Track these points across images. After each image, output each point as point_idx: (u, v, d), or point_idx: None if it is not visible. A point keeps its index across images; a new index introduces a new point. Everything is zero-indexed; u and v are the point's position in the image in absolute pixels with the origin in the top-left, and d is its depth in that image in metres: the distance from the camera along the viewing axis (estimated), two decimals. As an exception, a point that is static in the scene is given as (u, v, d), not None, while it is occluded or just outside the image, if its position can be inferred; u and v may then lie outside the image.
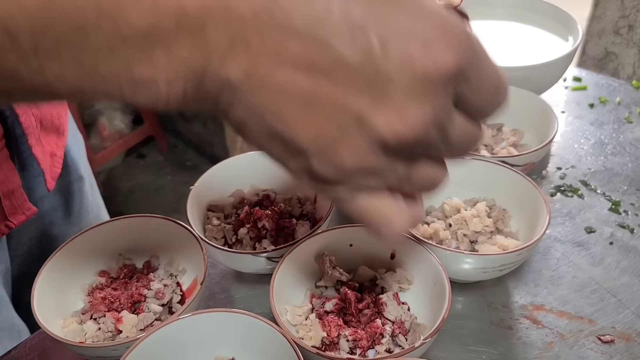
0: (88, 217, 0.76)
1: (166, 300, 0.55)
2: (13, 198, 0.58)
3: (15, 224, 0.59)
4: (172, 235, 0.58)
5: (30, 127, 0.59)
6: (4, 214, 0.58)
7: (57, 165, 0.65)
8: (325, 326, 0.51)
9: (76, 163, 0.72)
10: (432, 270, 0.52)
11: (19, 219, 0.59)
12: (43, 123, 0.62)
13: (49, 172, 0.63)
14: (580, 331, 0.55)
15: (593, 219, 0.67)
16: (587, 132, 0.79)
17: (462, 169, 0.63)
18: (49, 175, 0.63)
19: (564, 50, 0.76)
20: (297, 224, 0.62)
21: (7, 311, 0.64)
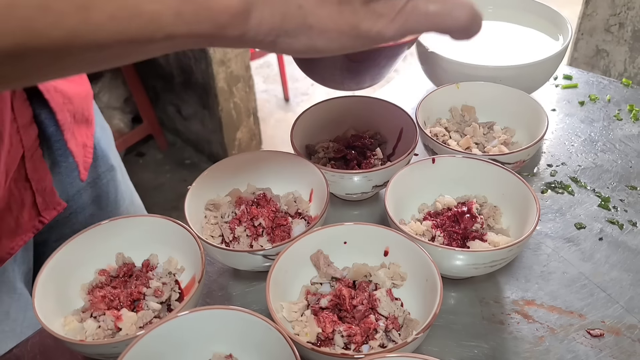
0: (124, 204, 0.79)
1: (165, 298, 0.56)
2: (45, 194, 0.61)
3: (48, 220, 0.62)
4: (171, 234, 0.59)
5: (66, 123, 0.62)
6: (37, 211, 0.61)
7: (88, 155, 0.68)
8: (321, 322, 0.52)
9: (106, 154, 0.74)
10: (424, 267, 0.54)
11: (50, 215, 0.62)
12: (76, 117, 0.65)
13: (82, 163, 0.66)
14: (570, 325, 0.56)
15: (583, 215, 0.68)
16: (578, 130, 0.81)
17: (454, 168, 0.65)
18: (82, 167, 0.66)
19: (554, 49, 0.77)
20: (292, 222, 0.63)
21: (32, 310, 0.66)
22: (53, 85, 0.60)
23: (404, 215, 0.65)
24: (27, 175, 0.59)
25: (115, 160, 0.77)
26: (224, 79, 2.16)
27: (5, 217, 0.58)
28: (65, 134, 0.62)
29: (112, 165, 0.76)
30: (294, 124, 0.71)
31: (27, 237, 0.62)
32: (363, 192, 0.68)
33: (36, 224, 0.62)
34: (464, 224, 0.60)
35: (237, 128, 2.35)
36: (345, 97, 0.75)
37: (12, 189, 0.58)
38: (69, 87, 0.64)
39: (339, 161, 0.71)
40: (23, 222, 0.60)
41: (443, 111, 0.77)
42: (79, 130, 0.66)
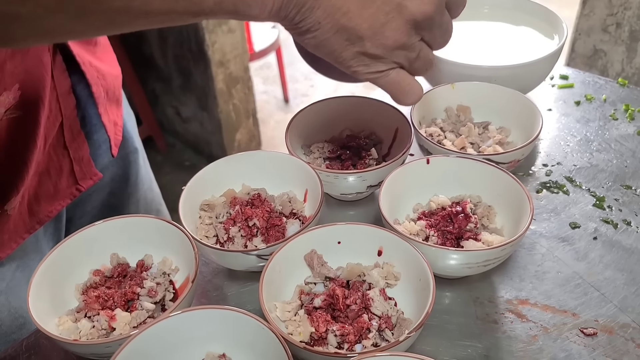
0: (143, 188, 0.82)
1: (159, 298, 0.56)
2: (82, 164, 0.65)
3: (85, 188, 0.66)
4: (165, 235, 0.59)
5: (100, 97, 0.66)
6: (75, 179, 0.65)
7: (119, 133, 0.72)
8: (314, 322, 0.52)
9: (132, 136, 0.77)
10: (418, 266, 0.54)
11: (87, 184, 0.66)
12: (108, 94, 0.68)
13: (113, 139, 0.70)
14: (564, 324, 0.56)
15: (578, 215, 0.68)
16: (573, 129, 0.81)
17: (449, 167, 0.65)
18: (113, 143, 0.70)
19: (549, 49, 0.77)
20: (287, 222, 0.64)
21: None
22: (88, 60, 0.64)
23: (399, 215, 0.65)
24: (65, 143, 0.63)
25: (139, 144, 0.80)
26: (222, 81, 2.16)
27: (45, 181, 0.62)
28: (99, 107, 0.66)
29: (136, 147, 0.79)
30: (289, 124, 0.71)
31: (65, 203, 0.65)
32: (358, 192, 0.68)
33: (73, 191, 0.65)
34: (457, 223, 0.60)
35: (236, 129, 2.35)
36: (340, 98, 0.76)
37: (51, 155, 0.62)
38: (102, 65, 0.67)
39: (334, 161, 0.71)
40: (61, 188, 0.64)
41: (438, 111, 0.77)
42: (111, 108, 0.70)
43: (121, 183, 0.78)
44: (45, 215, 0.64)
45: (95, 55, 0.68)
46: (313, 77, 3.01)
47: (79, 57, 0.62)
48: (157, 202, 0.90)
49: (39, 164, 0.60)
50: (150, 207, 0.86)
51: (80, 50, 0.64)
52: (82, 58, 0.63)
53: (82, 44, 0.65)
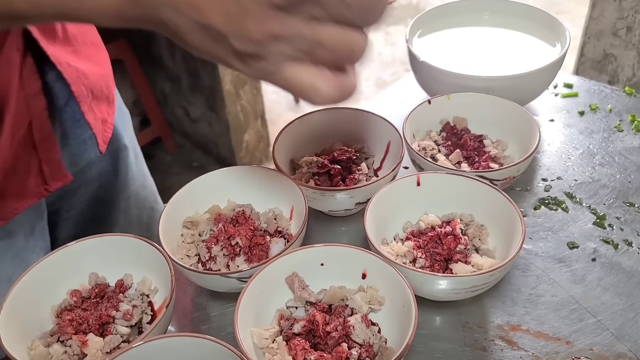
0: (135, 185, 0.81)
1: (135, 322, 0.55)
2: (52, 164, 0.64)
3: (53, 189, 0.65)
4: (145, 254, 0.58)
5: (81, 95, 0.66)
6: (43, 179, 0.64)
7: (108, 130, 0.72)
8: (292, 350, 0.50)
9: (121, 133, 0.77)
10: (401, 292, 0.51)
11: (56, 185, 0.65)
12: (94, 92, 0.68)
13: (100, 136, 0.70)
14: (557, 353, 0.54)
15: (576, 234, 0.65)
16: (576, 141, 0.77)
17: (440, 185, 0.62)
18: (101, 139, 0.70)
19: (551, 58, 0.74)
20: (271, 241, 0.62)
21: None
22: (65, 61, 0.64)
23: (388, 233, 0.62)
24: (34, 143, 0.62)
25: (129, 142, 0.80)
26: (230, 82, 2.15)
27: (11, 178, 0.62)
28: (81, 105, 0.66)
29: (125, 144, 0.78)
30: (277, 138, 0.69)
31: (32, 202, 0.65)
32: (346, 209, 0.66)
33: (42, 190, 0.65)
34: (447, 245, 0.58)
35: (244, 130, 2.34)
36: (331, 110, 0.73)
37: (19, 153, 0.61)
38: (83, 65, 0.67)
39: (322, 176, 0.69)
40: (29, 187, 0.64)
41: (434, 123, 0.75)
42: (99, 106, 0.70)
43: (110, 178, 0.78)
44: (10, 212, 0.63)
45: (76, 55, 0.67)
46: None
47: (54, 58, 0.62)
48: (152, 199, 0.88)
49: (4, 160, 0.60)
50: (143, 204, 0.85)
51: (57, 50, 0.63)
52: (58, 58, 0.63)
53: (60, 45, 0.65)
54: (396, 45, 3.26)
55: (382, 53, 3.20)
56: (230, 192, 0.67)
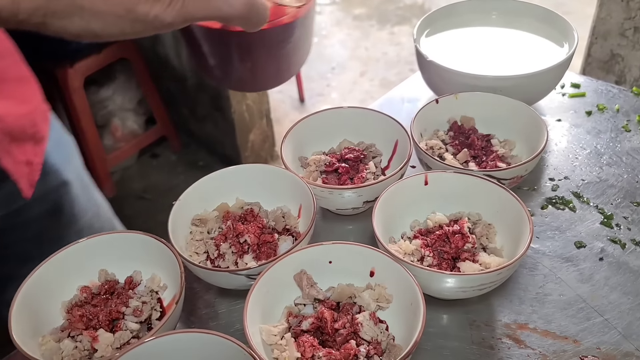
0: (86, 217, 0.77)
1: (144, 318, 0.55)
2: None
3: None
4: (154, 251, 0.58)
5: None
6: None
7: (35, 172, 0.67)
8: (300, 346, 0.51)
9: (58, 169, 0.72)
10: (409, 290, 0.52)
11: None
12: (13, 134, 0.63)
13: (25, 179, 0.66)
14: (564, 352, 0.54)
15: (584, 233, 0.65)
16: (583, 141, 0.77)
17: (448, 184, 0.63)
18: (25, 183, 0.66)
19: (558, 58, 0.74)
20: (279, 239, 0.62)
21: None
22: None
23: (395, 232, 0.63)
24: None
25: (71, 175, 0.75)
26: (236, 81, 2.15)
27: None
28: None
29: (66, 180, 0.74)
30: (285, 136, 0.70)
31: None
32: (354, 208, 0.66)
33: None
34: (454, 243, 0.58)
35: (249, 130, 2.34)
36: (339, 109, 0.74)
37: None
38: (1, 106, 0.62)
39: (330, 175, 0.69)
40: None
41: (441, 122, 0.75)
42: (20, 147, 0.65)
43: (53, 217, 0.74)
44: None
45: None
46: (329, 77, 2.99)
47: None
48: (109, 228, 0.84)
49: None
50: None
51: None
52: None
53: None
54: (401, 45, 3.26)
55: (388, 53, 3.20)
56: (238, 190, 0.67)
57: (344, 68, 3.09)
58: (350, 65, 3.11)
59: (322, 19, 3.61)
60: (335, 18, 3.60)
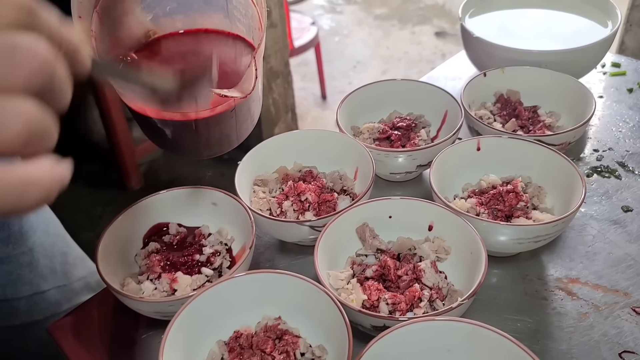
0: (35, 235, 0.74)
1: (217, 265, 0.58)
2: None
3: None
4: (221, 206, 0.62)
5: None
6: None
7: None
8: (366, 290, 0.54)
9: None
10: (469, 240, 0.55)
11: None
12: None
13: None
14: (615, 303, 0.56)
15: (630, 199, 0.67)
16: (626, 116, 0.80)
17: (499, 149, 0.65)
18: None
19: (602, 35, 0.77)
20: (338, 198, 0.65)
21: None
22: None
23: (448, 193, 0.66)
24: None
25: None
26: (263, 75, 2.19)
27: None
28: None
29: None
30: (340, 105, 0.73)
31: None
32: (407, 172, 0.69)
33: None
34: (508, 202, 0.61)
35: (275, 124, 2.38)
36: (390, 81, 0.77)
37: None
38: None
39: (383, 142, 0.72)
40: None
41: (488, 95, 0.78)
42: None
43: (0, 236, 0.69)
44: None
45: None
46: (351, 75, 3.02)
47: None
48: (61, 244, 0.79)
49: None
50: (52, 252, 0.77)
51: None
52: None
53: None
54: (422, 44, 3.29)
55: (409, 52, 3.23)
56: (295, 155, 0.70)
57: (365, 66, 3.13)
58: (371, 63, 3.14)
59: (343, 18, 3.65)
60: (357, 18, 3.64)
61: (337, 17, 3.69)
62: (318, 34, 2.61)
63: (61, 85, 0.27)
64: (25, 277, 0.73)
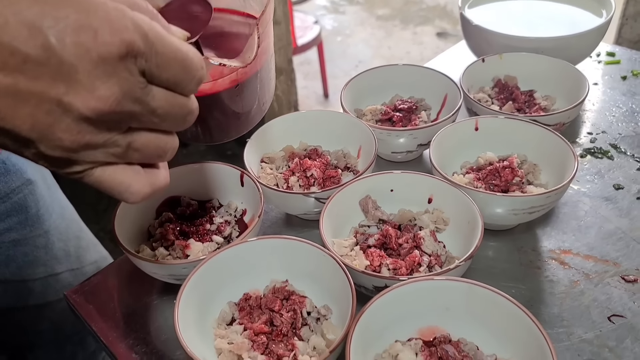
0: (51, 219, 0.77)
1: (227, 234, 0.61)
2: None
3: None
4: (230, 180, 0.65)
5: None
6: None
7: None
8: (369, 256, 0.57)
9: (20, 168, 0.72)
10: (467, 211, 0.58)
11: None
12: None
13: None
14: (605, 272, 0.59)
15: (622, 177, 0.70)
16: (619, 102, 0.83)
17: (496, 128, 0.68)
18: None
19: (597, 24, 0.80)
20: (342, 174, 0.68)
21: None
22: None
23: (447, 171, 0.68)
24: None
25: (35, 175, 0.75)
26: (267, 71, 2.22)
27: None
28: None
29: (29, 179, 0.73)
30: (344, 87, 0.76)
31: None
32: (408, 151, 0.72)
33: None
34: (504, 177, 0.64)
35: (278, 120, 2.41)
36: (391, 66, 0.80)
37: None
38: None
39: (385, 123, 0.75)
40: None
41: (486, 80, 0.81)
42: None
43: (18, 217, 0.72)
44: None
45: None
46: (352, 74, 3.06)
47: None
48: (75, 229, 0.83)
49: None
50: (66, 236, 0.80)
51: None
52: None
53: None
54: (424, 44, 3.33)
55: (411, 52, 3.26)
56: (301, 134, 0.73)
57: (367, 66, 3.15)
58: (373, 63, 3.18)
59: (346, 18, 3.69)
60: (359, 18, 3.68)
61: (340, 17, 3.73)
62: (321, 33, 2.64)
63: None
64: (41, 259, 0.75)
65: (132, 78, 0.31)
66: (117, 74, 0.30)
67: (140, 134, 0.34)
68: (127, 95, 0.31)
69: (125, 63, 0.30)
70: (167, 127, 0.35)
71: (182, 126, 0.36)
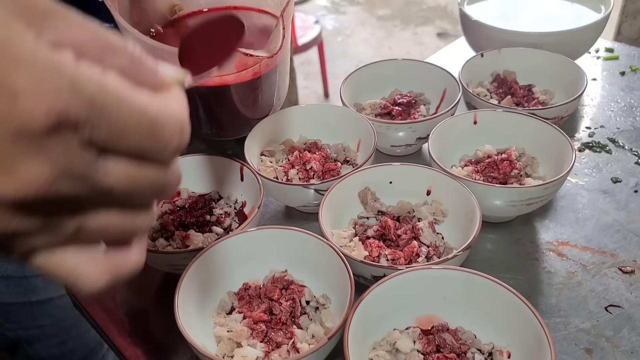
0: None
1: (226, 225, 0.62)
2: None
3: None
4: (230, 173, 0.65)
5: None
6: None
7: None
8: (367, 247, 0.57)
9: None
10: (465, 202, 0.58)
11: None
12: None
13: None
14: (603, 263, 0.60)
15: (620, 171, 0.71)
16: (618, 97, 0.83)
17: (495, 121, 0.69)
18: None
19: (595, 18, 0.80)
20: (342, 167, 0.69)
21: None
22: None
23: (445, 164, 0.69)
24: None
25: None
26: (268, 70, 2.23)
27: None
28: None
29: None
30: (344, 81, 0.76)
31: None
32: (407, 145, 0.72)
33: None
34: (502, 169, 0.64)
35: (279, 119, 2.42)
36: (391, 61, 0.80)
37: None
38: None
39: (384, 117, 0.76)
40: None
41: (485, 75, 0.81)
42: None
43: None
44: None
45: None
46: (354, 73, 3.07)
47: None
48: None
49: None
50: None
51: None
52: None
53: None
54: (425, 44, 3.33)
55: (411, 52, 3.27)
56: (301, 128, 0.74)
57: (368, 66, 3.17)
58: (374, 63, 3.19)
59: (346, 18, 3.69)
60: (360, 18, 3.69)
61: (340, 17, 3.73)
62: (321, 33, 2.65)
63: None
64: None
65: (70, 153, 0.23)
66: (46, 150, 0.23)
67: (96, 215, 0.26)
68: (64, 174, 0.24)
69: (59, 136, 0.23)
70: (134, 203, 0.27)
71: (156, 200, 0.29)
